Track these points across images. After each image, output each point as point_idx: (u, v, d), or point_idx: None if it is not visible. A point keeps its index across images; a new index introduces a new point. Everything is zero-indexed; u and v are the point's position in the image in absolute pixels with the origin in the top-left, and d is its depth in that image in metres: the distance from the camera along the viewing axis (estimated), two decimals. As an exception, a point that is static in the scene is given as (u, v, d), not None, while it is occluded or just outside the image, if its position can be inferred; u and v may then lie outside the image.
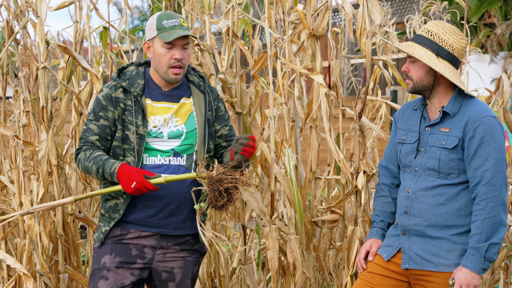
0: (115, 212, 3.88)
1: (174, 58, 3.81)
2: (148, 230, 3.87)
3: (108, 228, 3.89)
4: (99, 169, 3.78)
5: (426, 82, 3.71)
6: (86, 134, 3.88)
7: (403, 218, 3.79)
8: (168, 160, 3.87)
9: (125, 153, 3.85)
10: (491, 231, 3.56)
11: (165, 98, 3.91)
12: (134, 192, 3.70)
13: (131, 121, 3.83)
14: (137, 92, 3.84)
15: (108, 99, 3.85)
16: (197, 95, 3.96)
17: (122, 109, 3.84)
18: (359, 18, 3.96)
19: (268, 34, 4.38)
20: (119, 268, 3.85)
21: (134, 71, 3.92)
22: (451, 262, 3.68)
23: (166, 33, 3.79)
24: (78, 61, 4.55)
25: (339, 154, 4.33)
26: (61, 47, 4.51)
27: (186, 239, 3.96)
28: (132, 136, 3.82)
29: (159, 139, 3.86)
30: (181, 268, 3.95)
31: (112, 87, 3.87)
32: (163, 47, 3.81)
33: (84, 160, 3.84)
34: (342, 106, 4.41)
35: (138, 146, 3.82)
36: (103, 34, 6.00)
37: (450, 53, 3.67)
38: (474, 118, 3.62)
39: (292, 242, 4.41)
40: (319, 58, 4.34)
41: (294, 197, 4.42)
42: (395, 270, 3.82)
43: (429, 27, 3.72)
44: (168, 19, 3.81)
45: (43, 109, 4.46)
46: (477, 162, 3.59)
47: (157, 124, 3.87)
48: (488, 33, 13.64)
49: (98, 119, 3.85)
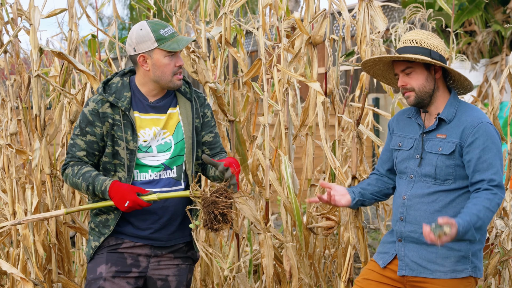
0: (105, 228, 3.83)
1: (177, 65, 3.76)
2: (141, 242, 3.85)
3: (97, 244, 3.85)
4: (89, 186, 3.71)
5: (428, 88, 3.74)
6: (73, 149, 3.79)
7: (399, 225, 3.80)
8: (158, 175, 3.82)
9: (116, 169, 3.78)
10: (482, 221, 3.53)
11: (152, 110, 3.83)
12: (127, 210, 3.67)
13: (121, 137, 3.75)
14: (124, 106, 3.74)
15: (95, 114, 3.75)
16: (184, 103, 3.89)
17: (111, 124, 3.75)
18: (360, 25, 3.97)
19: (262, 42, 4.37)
20: (115, 277, 3.82)
21: (120, 82, 3.81)
22: (447, 268, 3.69)
23: (169, 43, 3.71)
24: (74, 64, 4.51)
25: (335, 162, 4.33)
26: (55, 53, 4.47)
27: (180, 246, 3.95)
28: (123, 151, 3.75)
29: (149, 154, 3.80)
30: (176, 275, 3.94)
31: (98, 102, 3.75)
32: (166, 57, 3.73)
33: (72, 176, 3.76)
34: (338, 114, 4.42)
35: (129, 161, 3.76)
36: (92, 42, 5.98)
37: (440, 54, 3.73)
38: (471, 124, 3.65)
39: (289, 250, 4.40)
40: (315, 65, 4.34)
41: (292, 204, 4.41)
42: (391, 277, 3.83)
43: (411, 37, 3.74)
44: (164, 28, 3.73)
45: (36, 117, 4.42)
46: (482, 166, 3.60)
47: (147, 139, 3.80)
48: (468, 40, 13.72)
49: (85, 134, 3.76)
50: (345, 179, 4.32)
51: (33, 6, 4.34)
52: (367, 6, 3.98)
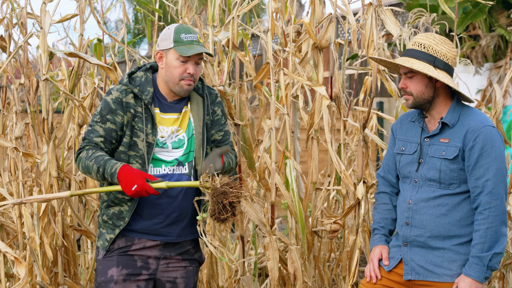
0: (120, 220, 3.84)
1: (187, 72, 3.80)
2: (152, 238, 3.87)
3: (113, 236, 3.85)
4: (99, 168, 3.70)
5: (427, 95, 3.73)
6: (90, 135, 3.81)
7: (405, 229, 3.80)
8: (172, 170, 3.86)
9: (129, 160, 3.81)
10: (493, 241, 3.59)
11: (171, 110, 3.90)
12: (134, 195, 3.64)
13: (141, 128, 3.80)
14: (147, 100, 3.81)
15: (118, 103, 3.80)
16: (196, 99, 3.95)
17: (132, 115, 3.80)
18: (367, 29, 3.97)
19: (270, 46, 4.40)
20: (126, 281, 3.84)
21: (143, 77, 3.88)
22: (454, 272, 3.69)
23: (183, 47, 3.78)
24: (86, 60, 4.51)
25: (340, 165, 4.35)
26: (66, 53, 4.49)
27: (187, 248, 3.98)
28: (141, 143, 3.80)
29: (164, 149, 3.85)
30: (184, 278, 3.96)
31: (122, 91, 3.82)
32: (177, 60, 3.79)
33: (86, 159, 3.76)
34: (343, 118, 4.43)
35: (147, 154, 3.80)
36: (98, 47, 6.00)
37: (446, 63, 3.70)
38: (473, 128, 3.64)
39: (293, 253, 4.41)
40: (321, 69, 4.36)
41: (296, 208, 4.42)
42: (397, 281, 3.83)
43: (421, 40, 3.74)
44: (186, 33, 3.80)
45: (44, 121, 4.44)
46: (478, 172, 3.61)
47: (164, 135, 3.86)
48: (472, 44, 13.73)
49: (105, 121, 3.80)
50: (350, 182, 4.33)
51: (44, 11, 4.36)
52: (375, 10, 3.99)
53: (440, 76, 3.66)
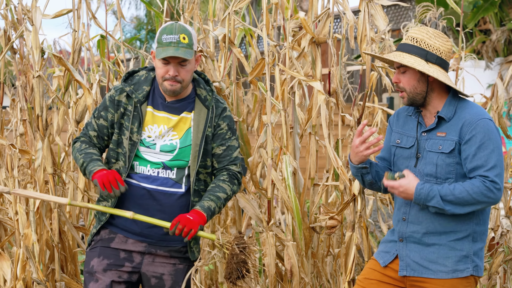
0: (102, 215, 3.93)
1: (168, 73, 3.78)
2: (133, 237, 3.88)
3: (95, 231, 3.94)
4: (84, 163, 3.84)
5: (420, 89, 3.70)
6: (87, 127, 3.97)
7: (401, 225, 3.78)
8: (157, 172, 3.86)
9: (117, 157, 3.89)
10: (459, 200, 3.52)
11: (165, 109, 3.88)
12: (104, 182, 3.68)
13: (127, 127, 3.85)
14: (138, 99, 3.85)
15: (111, 101, 3.90)
16: (200, 110, 3.90)
17: (122, 113, 3.87)
18: (360, 24, 3.95)
19: (266, 41, 4.37)
20: (106, 271, 3.85)
21: (144, 76, 3.92)
22: (449, 268, 3.67)
23: (160, 49, 3.76)
24: (71, 72, 4.54)
25: (337, 161, 4.32)
26: (56, 57, 4.49)
27: (177, 247, 3.95)
28: (126, 141, 3.84)
29: (151, 150, 3.86)
30: (171, 275, 3.93)
31: (118, 90, 3.91)
32: (159, 61, 3.79)
33: (77, 151, 3.91)
34: (341, 113, 4.40)
35: (130, 152, 3.84)
36: (101, 43, 6.00)
37: (438, 57, 3.67)
38: (469, 121, 3.61)
39: (290, 249, 4.39)
40: (319, 65, 4.33)
41: (292, 204, 4.40)
42: (392, 276, 3.81)
43: (413, 34, 3.71)
44: (168, 34, 3.76)
45: (38, 118, 4.45)
46: (477, 163, 3.56)
47: (152, 135, 3.86)
48: (482, 39, 13.67)
49: (99, 117, 3.93)
50: (347, 178, 4.30)
51: (34, 7, 4.35)
52: (367, 5, 3.96)
53: (430, 70, 3.62)
